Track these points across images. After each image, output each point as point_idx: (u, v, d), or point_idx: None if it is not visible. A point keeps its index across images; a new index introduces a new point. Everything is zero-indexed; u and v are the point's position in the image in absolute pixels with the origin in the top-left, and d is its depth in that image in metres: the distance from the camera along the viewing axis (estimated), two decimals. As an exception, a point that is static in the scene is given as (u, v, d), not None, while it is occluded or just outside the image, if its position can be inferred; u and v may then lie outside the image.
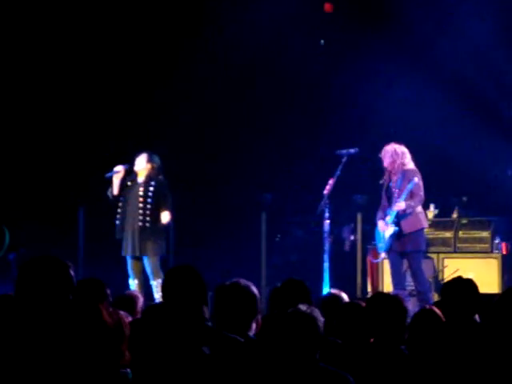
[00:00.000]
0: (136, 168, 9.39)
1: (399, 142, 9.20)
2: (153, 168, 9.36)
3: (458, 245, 10.30)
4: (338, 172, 9.29)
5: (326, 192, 9.28)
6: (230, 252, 11.71)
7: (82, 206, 11.14)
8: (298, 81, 12.02)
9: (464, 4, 11.19)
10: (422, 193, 9.03)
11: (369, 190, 11.44)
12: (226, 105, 12.12)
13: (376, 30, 11.46)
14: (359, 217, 10.66)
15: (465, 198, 11.05)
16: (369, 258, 10.55)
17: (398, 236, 9.00)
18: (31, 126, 11.98)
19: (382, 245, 9.18)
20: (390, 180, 9.14)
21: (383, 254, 9.39)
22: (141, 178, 9.41)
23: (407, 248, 9.01)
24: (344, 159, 9.35)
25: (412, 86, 11.43)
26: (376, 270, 10.43)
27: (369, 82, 11.54)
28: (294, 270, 10.76)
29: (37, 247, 10.14)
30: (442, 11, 11.44)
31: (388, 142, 9.22)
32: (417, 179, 8.91)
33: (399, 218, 8.98)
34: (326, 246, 9.33)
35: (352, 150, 9.44)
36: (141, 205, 9.33)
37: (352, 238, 11.39)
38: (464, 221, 10.49)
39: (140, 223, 9.26)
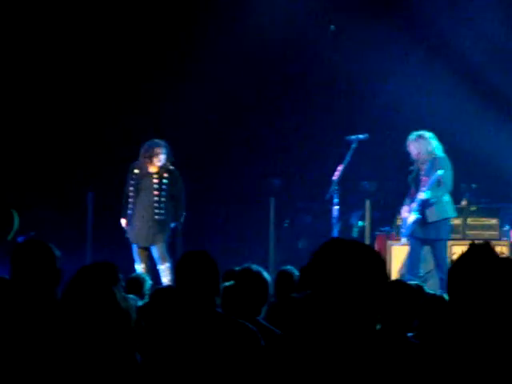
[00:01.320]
0: (158, 163, 9.34)
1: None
2: (166, 159, 9.37)
3: (467, 232, 10.28)
4: (348, 158, 9.27)
5: (334, 178, 9.26)
6: (239, 237, 11.71)
7: (92, 191, 11.15)
8: (308, 66, 11.99)
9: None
10: (449, 182, 9.00)
11: (378, 177, 11.43)
12: (234, 90, 12.09)
13: (389, 17, 11.41)
14: (368, 203, 10.64)
15: (474, 186, 11.03)
16: (377, 245, 10.54)
17: (421, 223, 8.99)
18: (42, 111, 11.99)
19: (403, 230, 9.20)
20: (419, 168, 9.10)
21: (403, 239, 9.37)
22: (153, 169, 9.41)
23: (430, 236, 9.03)
24: (353, 145, 9.33)
25: (424, 73, 11.39)
26: (384, 256, 10.41)
27: (381, 68, 11.50)
28: (303, 256, 10.75)
29: (46, 231, 10.17)
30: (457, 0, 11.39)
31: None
32: (442, 171, 8.84)
33: (424, 206, 8.96)
34: (335, 232, 9.33)
35: (362, 136, 9.42)
36: (156, 198, 9.36)
37: (361, 224, 11.39)
38: (473, 208, 10.48)
39: (156, 216, 9.34)
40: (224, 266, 4.60)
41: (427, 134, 9.07)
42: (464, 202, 10.64)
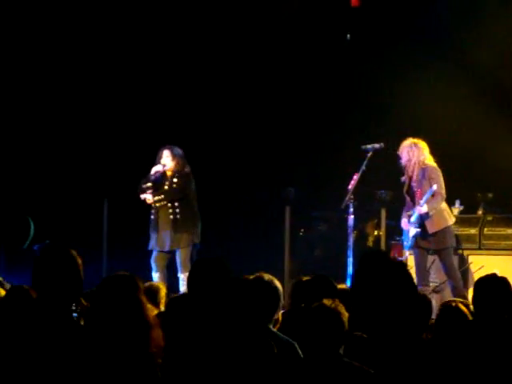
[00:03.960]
0: (165, 168, 9.48)
1: (417, 136, 9.14)
2: (178, 163, 9.47)
3: (483, 242, 10.23)
4: (363, 167, 9.26)
5: (350, 187, 9.26)
6: (254, 246, 11.70)
7: (107, 198, 11.19)
8: (323, 75, 11.99)
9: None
10: (443, 191, 9.00)
11: (393, 186, 11.40)
12: (249, 99, 12.11)
13: (402, 26, 11.40)
14: (383, 212, 10.62)
15: (490, 195, 10.98)
16: (393, 254, 10.50)
17: (423, 235, 9.00)
18: (58, 118, 12.03)
19: (406, 243, 9.21)
20: (410, 178, 9.10)
21: (407, 253, 9.38)
22: (168, 173, 9.54)
23: (434, 246, 9.04)
24: (369, 154, 9.32)
25: (438, 80, 11.36)
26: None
27: (395, 77, 11.49)
28: (318, 265, 10.74)
29: (62, 238, 10.20)
30: (467, 6, 11.36)
31: (413, 136, 9.17)
32: (435, 186, 8.85)
33: (423, 218, 8.98)
34: (350, 241, 9.31)
35: (377, 145, 9.42)
36: (168, 198, 9.45)
37: (376, 233, 11.36)
38: (489, 217, 10.42)
39: (171, 216, 9.35)
40: (239, 275, 4.59)
41: (421, 144, 9.08)
42: (480, 212, 10.60)
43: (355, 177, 9.24)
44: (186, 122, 11.96)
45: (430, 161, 9.08)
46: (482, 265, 9.66)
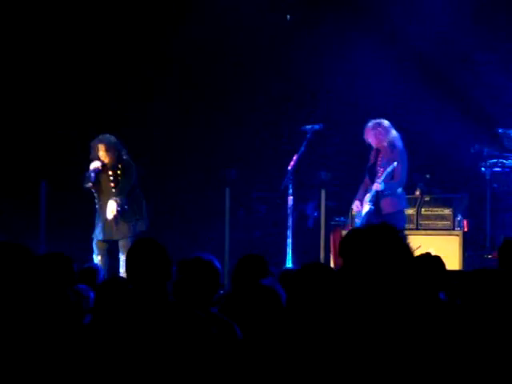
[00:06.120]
0: (103, 159, 9.40)
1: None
2: (114, 154, 9.39)
3: (421, 222, 10.36)
4: (303, 148, 9.28)
5: (289, 168, 9.27)
6: (193, 227, 11.69)
7: (44, 179, 11.04)
8: (263, 56, 11.97)
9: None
10: (405, 177, 9.04)
11: (333, 167, 11.47)
12: (190, 80, 12.04)
13: (344, 6, 11.44)
14: (323, 193, 10.67)
15: (428, 176, 11.12)
16: (333, 235, 10.58)
17: (376, 214, 9.01)
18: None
19: (357, 220, 9.23)
20: (376, 159, 9.10)
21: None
22: (107, 165, 9.47)
23: None
24: (308, 135, 9.35)
25: (376, 62, 11.43)
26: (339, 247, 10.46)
27: (335, 58, 11.53)
28: (258, 246, 10.77)
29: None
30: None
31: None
32: (396, 163, 8.87)
33: (379, 197, 9.00)
34: (290, 222, 9.34)
35: (316, 126, 9.44)
36: (113, 190, 9.38)
37: (316, 214, 11.42)
38: (427, 198, 10.56)
39: (118, 208, 9.28)
40: (179, 256, 4.58)
41: (386, 122, 9.09)
42: (417, 192, 10.72)
43: (295, 158, 9.26)
44: (122, 103, 11.85)
45: (399, 142, 9.07)
46: (419, 244, 9.79)
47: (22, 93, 11.85)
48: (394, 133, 9.07)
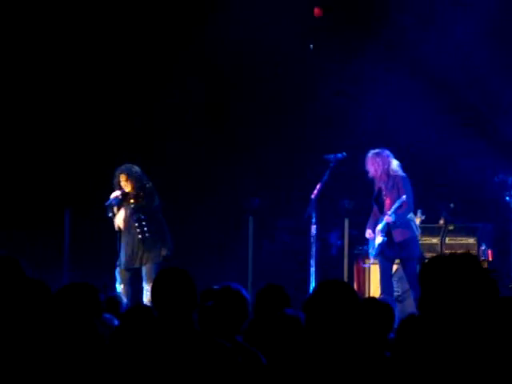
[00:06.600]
0: (124, 189, 9.43)
1: (379, 146, 9.18)
2: (135, 185, 9.41)
3: (445, 251, 10.30)
4: (326, 177, 9.29)
5: (313, 197, 9.27)
6: (217, 256, 11.66)
7: (68, 208, 11.08)
8: (286, 85, 12.00)
9: (449, 8, 11.25)
10: (412, 203, 9.06)
11: (356, 195, 11.44)
12: (213, 109, 12.08)
13: (364, 34, 11.46)
14: (346, 222, 10.65)
15: (452, 205, 11.07)
16: (357, 264, 10.54)
17: (389, 244, 9.04)
18: (17, 127, 11.89)
19: (371, 251, 9.23)
20: (380, 188, 9.14)
21: (372, 260, 9.42)
22: (129, 192, 9.45)
23: (400, 255, 9.11)
24: (331, 164, 9.35)
25: (401, 91, 11.43)
26: (363, 276, 10.43)
27: (357, 87, 11.54)
28: (281, 275, 10.73)
29: (22, 249, 10.07)
30: (429, 15, 11.46)
31: (376, 146, 9.21)
32: (405, 196, 8.91)
33: (390, 227, 9.02)
34: (313, 251, 9.32)
35: (339, 155, 9.45)
36: (135, 217, 9.39)
37: (339, 243, 11.38)
38: (450, 227, 10.51)
39: (139, 235, 9.33)
40: (203, 285, 4.57)
41: (385, 152, 9.14)
42: (441, 221, 10.67)
43: (318, 186, 9.26)
44: (149, 130, 11.90)
45: (399, 169, 9.11)
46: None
47: (47, 121, 11.92)
48: (393, 161, 9.10)
